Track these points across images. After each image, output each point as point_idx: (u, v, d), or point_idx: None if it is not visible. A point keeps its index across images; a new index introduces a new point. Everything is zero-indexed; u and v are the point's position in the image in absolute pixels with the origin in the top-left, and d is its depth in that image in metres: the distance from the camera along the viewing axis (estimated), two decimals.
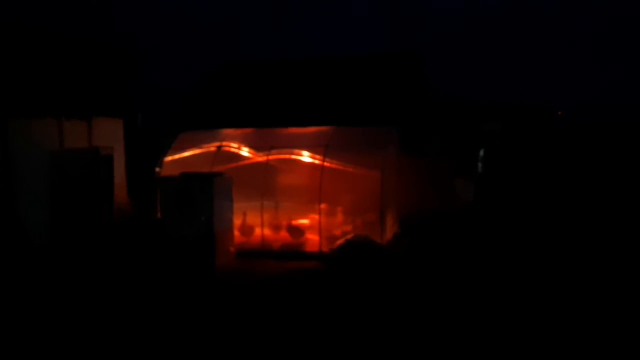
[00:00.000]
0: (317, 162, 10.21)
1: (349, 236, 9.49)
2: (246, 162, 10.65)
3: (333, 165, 10.09)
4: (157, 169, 10.77)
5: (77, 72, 10.92)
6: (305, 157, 10.40)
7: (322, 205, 9.88)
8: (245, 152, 10.79)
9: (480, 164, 13.50)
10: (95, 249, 9.16)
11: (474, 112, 19.56)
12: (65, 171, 9.79)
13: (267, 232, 10.13)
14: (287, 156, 10.50)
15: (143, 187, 11.15)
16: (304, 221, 10.10)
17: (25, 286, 7.67)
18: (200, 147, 11.07)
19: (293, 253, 9.73)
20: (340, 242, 9.40)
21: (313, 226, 9.93)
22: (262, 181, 10.29)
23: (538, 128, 20.06)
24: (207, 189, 9.00)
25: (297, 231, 10.02)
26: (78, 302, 7.22)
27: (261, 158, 10.56)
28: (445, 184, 12.43)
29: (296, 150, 10.51)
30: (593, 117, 22.66)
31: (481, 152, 13.70)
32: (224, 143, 10.98)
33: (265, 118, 14.56)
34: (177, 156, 11.00)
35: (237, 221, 9.98)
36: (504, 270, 8.48)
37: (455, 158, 13.24)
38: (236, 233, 9.96)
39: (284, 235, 10.09)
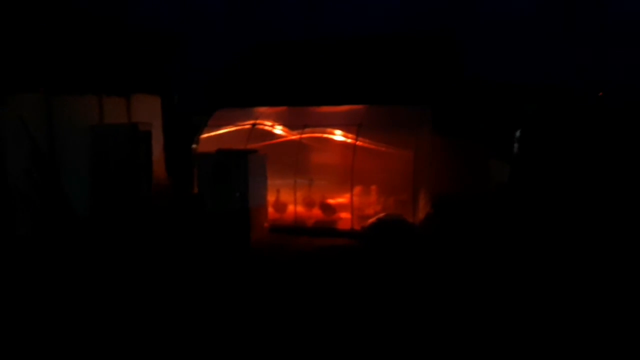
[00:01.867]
0: (349, 141, 10.25)
1: (381, 215, 9.55)
2: (280, 140, 10.78)
3: (366, 145, 10.12)
4: (194, 146, 11.02)
5: (116, 51, 11.18)
6: (338, 136, 10.45)
7: (355, 184, 9.95)
8: (278, 130, 10.91)
9: (516, 145, 13.26)
10: (135, 222, 9.48)
11: (510, 93, 19.09)
12: (106, 146, 10.12)
13: (300, 209, 10.28)
14: (320, 135, 10.58)
15: (180, 163, 11.43)
16: (337, 199, 10.20)
17: (69, 256, 8.05)
18: (235, 125, 11.25)
19: (325, 230, 9.87)
20: (372, 220, 9.47)
21: (345, 204, 10.02)
22: (295, 159, 10.41)
23: (576, 109, 19.47)
24: (242, 165, 9.18)
25: (329, 209, 10.14)
26: (118, 272, 7.54)
27: (294, 136, 10.67)
28: (480, 165, 12.27)
29: (329, 129, 10.57)
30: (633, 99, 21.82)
31: (517, 133, 13.43)
32: (258, 121, 11.13)
33: (298, 97, 14.61)
34: (212, 133, 11.22)
35: (270, 198, 10.17)
36: (536, 253, 8.41)
37: (490, 139, 13.03)
38: (270, 209, 10.16)
39: (316, 212, 10.23)
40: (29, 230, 8.71)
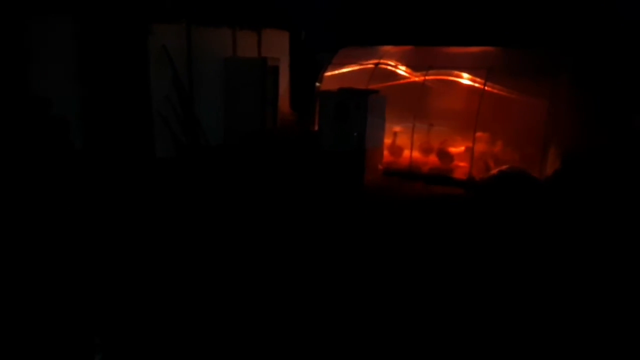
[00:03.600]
0: (477, 85, 9.71)
1: (503, 167, 9.10)
2: (402, 81, 10.54)
3: (495, 91, 9.53)
4: (317, 84, 11.21)
5: None
6: (465, 79, 9.94)
7: (478, 133, 9.53)
8: (402, 70, 10.65)
9: None
10: (260, 152, 10.10)
11: None
12: (237, 78, 10.70)
13: (416, 154, 10.15)
14: (445, 77, 10.15)
15: (304, 99, 11.75)
16: (457, 147, 9.88)
17: (197, 178, 8.87)
18: (358, 64, 11.18)
19: (441, 178, 9.68)
20: (493, 172, 9.07)
21: (465, 153, 9.69)
22: (416, 102, 10.17)
23: None
24: (361, 105, 9.20)
25: (447, 156, 9.88)
26: (236, 200, 8.16)
27: (418, 78, 10.36)
28: (622, 120, 11.02)
29: (455, 72, 10.08)
30: None
31: None
32: (382, 60, 10.93)
33: (425, 35, 14.00)
34: (336, 72, 11.28)
35: (387, 140, 10.14)
36: None
37: (635, 92, 11.53)
38: (385, 152, 10.17)
39: (433, 159, 10.04)
40: (167, 153, 9.69)
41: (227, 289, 5.33)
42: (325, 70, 11.35)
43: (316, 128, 10.22)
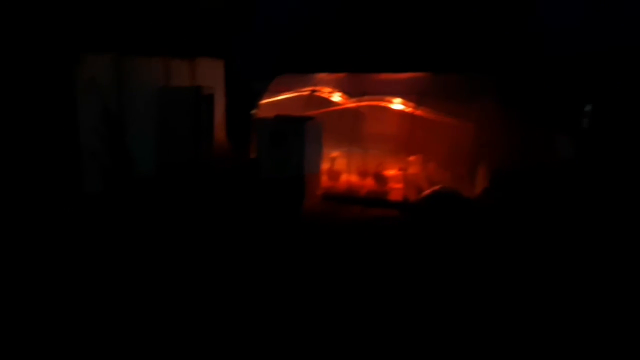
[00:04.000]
0: (408, 110, 10.07)
1: (435, 187, 9.40)
2: (337, 107, 10.76)
3: (424, 114, 9.91)
4: (254, 111, 11.23)
5: (183, 14, 11.41)
6: (397, 104, 10.28)
7: (411, 155, 9.82)
8: (337, 97, 10.88)
9: (585, 120, 12.50)
10: (195, 183, 9.91)
11: (581, 65, 17.91)
12: (170, 108, 10.51)
13: (353, 178, 10.32)
14: (378, 103, 10.46)
15: (240, 128, 11.70)
16: (391, 170, 10.13)
17: (131, 214, 8.57)
18: (294, 91, 11.33)
19: (378, 200, 9.87)
20: (426, 192, 9.35)
21: (400, 175, 9.94)
22: (351, 127, 10.39)
23: None
24: (299, 132, 9.30)
25: (382, 179, 10.10)
26: (171, 232, 7.94)
27: (352, 104, 10.60)
28: (544, 139, 11.70)
29: (388, 98, 10.42)
30: None
31: (587, 107, 12.63)
32: (317, 88, 11.13)
33: (358, 63, 14.41)
34: (272, 99, 11.38)
35: (325, 166, 10.26)
36: (598, 230, 8.04)
37: (558, 113, 12.34)
38: (324, 177, 10.27)
39: (369, 182, 10.23)
40: (96, 187, 9.29)
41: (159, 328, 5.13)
42: (262, 98, 11.41)
43: (253, 156, 10.19)
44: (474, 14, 16.92)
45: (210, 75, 11.73)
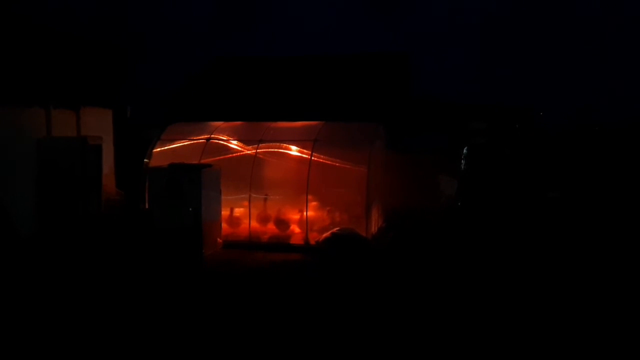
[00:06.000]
0: (305, 156, 10.35)
1: (335, 229, 9.65)
2: (235, 154, 10.74)
3: (321, 160, 10.25)
4: (146, 160, 10.80)
5: (65, 62, 10.87)
6: (294, 151, 10.53)
7: (309, 199, 10.03)
8: (234, 144, 10.88)
9: (463, 162, 13.80)
10: (84, 239, 9.17)
11: (459, 111, 19.96)
12: (53, 160, 9.76)
13: (254, 224, 10.24)
14: (275, 149, 10.63)
15: (132, 178, 11.16)
16: (292, 214, 10.24)
17: (11, 278, 7.68)
18: (189, 139, 11.14)
19: (280, 245, 9.87)
20: (326, 234, 9.56)
21: (300, 219, 10.07)
22: (250, 174, 10.39)
23: (519, 128, 20.63)
24: (195, 179, 9.09)
25: (284, 224, 10.16)
26: (64, 294, 7.25)
27: (250, 151, 10.66)
28: (430, 180, 12.67)
29: (285, 144, 10.64)
30: (578, 120, 23.53)
31: (464, 150, 14.00)
32: (213, 135, 11.06)
33: (254, 112, 14.66)
34: (166, 147, 11.05)
35: (225, 213, 10.09)
36: (483, 264, 8.74)
37: (440, 155, 13.51)
38: (224, 225, 10.07)
39: (271, 227, 10.23)
40: None
41: None
42: (154, 146, 11.04)
43: (147, 206, 9.74)
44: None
45: (98, 124, 11.17)
